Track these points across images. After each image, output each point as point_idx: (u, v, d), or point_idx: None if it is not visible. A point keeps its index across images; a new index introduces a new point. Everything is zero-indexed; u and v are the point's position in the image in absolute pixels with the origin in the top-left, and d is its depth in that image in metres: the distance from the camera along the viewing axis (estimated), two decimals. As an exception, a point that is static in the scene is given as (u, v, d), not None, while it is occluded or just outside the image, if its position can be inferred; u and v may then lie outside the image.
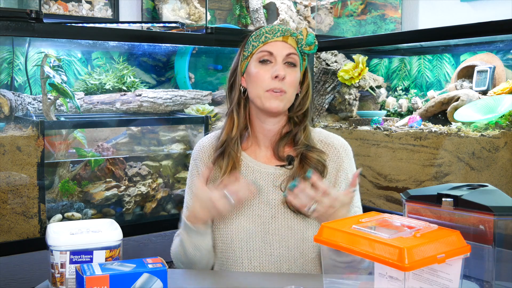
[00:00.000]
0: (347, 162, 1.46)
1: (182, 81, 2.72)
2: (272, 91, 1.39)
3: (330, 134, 1.50)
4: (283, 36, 1.41)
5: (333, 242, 0.96)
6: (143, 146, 2.49)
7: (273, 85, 1.39)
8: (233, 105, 1.46)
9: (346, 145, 1.48)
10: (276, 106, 1.39)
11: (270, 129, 1.46)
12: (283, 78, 1.38)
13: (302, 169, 1.40)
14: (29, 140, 1.98)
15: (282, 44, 1.41)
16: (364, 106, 2.89)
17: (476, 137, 2.06)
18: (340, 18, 3.23)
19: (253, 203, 1.41)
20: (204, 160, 1.50)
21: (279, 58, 1.40)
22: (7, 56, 2.36)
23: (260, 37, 1.43)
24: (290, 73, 1.41)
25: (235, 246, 1.40)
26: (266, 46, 1.41)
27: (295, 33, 1.43)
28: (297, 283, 1.21)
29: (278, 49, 1.41)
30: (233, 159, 1.43)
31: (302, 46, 1.43)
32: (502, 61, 2.49)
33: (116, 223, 1.25)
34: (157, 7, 2.80)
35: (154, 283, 1.04)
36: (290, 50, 1.41)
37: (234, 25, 2.99)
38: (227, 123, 1.47)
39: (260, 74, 1.40)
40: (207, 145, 1.52)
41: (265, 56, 1.41)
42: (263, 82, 1.40)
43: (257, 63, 1.42)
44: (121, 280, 1.02)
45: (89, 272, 1.02)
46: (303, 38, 1.43)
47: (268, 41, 1.41)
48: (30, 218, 1.98)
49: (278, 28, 1.43)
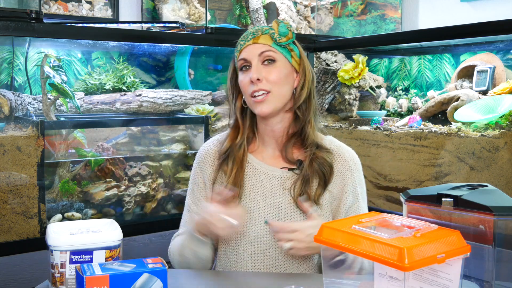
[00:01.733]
0: (356, 175, 1.44)
1: (182, 77, 2.71)
2: (254, 97, 1.39)
3: (342, 144, 1.48)
4: (253, 39, 1.41)
5: (333, 242, 0.96)
6: (143, 146, 2.49)
7: (251, 89, 1.39)
8: (235, 115, 1.47)
9: (356, 158, 1.47)
10: (262, 111, 1.39)
11: (274, 130, 1.45)
12: (257, 79, 1.38)
13: (310, 169, 1.40)
14: (29, 140, 1.98)
15: (253, 46, 1.41)
16: (364, 106, 2.89)
17: (476, 137, 2.06)
18: (340, 18, 3.23)
19: (259, 206, 1.41)
20: (208, 164, 1.49)
21: (253, 61, 1.40)
22: (7, 56, 2.36)
23: (237, 47, 1.45)
24: (268, 71, 1.39)
25: (240, 248, 1.39)
26: (241, 54, 1.42)
27: (267, 30, 1.41)
28: (297, 283, 1.21)
29: (250, 53, 1.41)
30: (238, 163, 1.43)
31: (277, 39, 1.40)
32: (502, 61, 2.49)
33: (116, 223, 1.25)
34: (157, 7, 2.81)
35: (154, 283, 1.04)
36: (262, 49, 1.40)
37: (234, 25, 2.99)
38: (232, 131, 1.47)
39: (242, 82, 1.42)
40: (211, 149, 1.51)
41: (242, 64, 1.42)
42: (245, 89, 1.41)
43: (240, 72, 1.44)
44: (121, 280, 1.02)
45: (89, 272, 1.02)
46: (275, 32, 1.41)
47: (241, 48, 1.43)
48: (30, 218, 1.98)
49: (249, 31, 1.43)
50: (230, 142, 1.46)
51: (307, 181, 1.39)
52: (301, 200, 1.36)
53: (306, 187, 1.38)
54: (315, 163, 1.40)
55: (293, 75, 1.44)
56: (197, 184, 1.50)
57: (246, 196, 1.42)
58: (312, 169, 1.40)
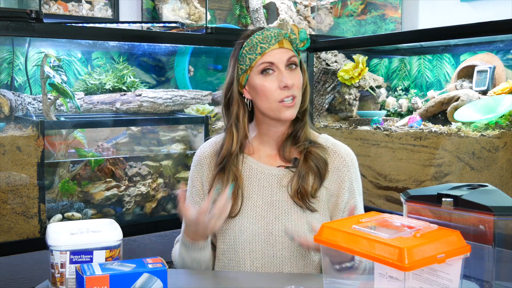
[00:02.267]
0: (352, 171, 1.45)
1: (181, 73, 2.71)
2: (284, 102, 1.37)
3: (337, 142, 1.49)
4: (278, 43, 1.38)
5: (333, 242, 0.96)
6: (143, 146, 2.49)
7: (284, 95, 1.37)
8: (231, 120, 1.44)
9: (352, 155, 1.47)
10: (291, 116, 1.39)
11: (277, 131, 1.45)
12: (292, 85, 1.37)
13: (305, 165, 1.41)
14: (29, 140, 1.98)
15: (279, 50, 1.38)
16: (364, 106, 2.89)
17: (476, 137, 2.06)
18: (340, 18, 3.23)
19: (256, 204, 1.41)
20: (206, 167, 1.49)
21: (281, 66, 1.38)
22: (7, 56, 2.36)
23: (255, 49, 1.38)
24: (294, 76, 1.39)
25: (238, 247, 1.39)
26: (264, 57, 1.38)
27: (287, 34, 1.40)
28: (297, 283, 1.21)
29: (277, 57, 1.38)
30: (234, 173, 1.43)
31: (297, 45, 1.41)
32: (502, 61, 2.49)
33: (116, 223, 1.25)
34: (157, 7, 2.81)
35: (154, 283, 1.04)
36: (289, 54, 1.39)
37: (234, 25, 2.99)
38: (227, 138, 1.45)
39: (266, 86, 1.38)
40: (207, 152, 1.51)
41: (266, 67, 1.38)
42: (273, 94, 1.37)
43: (259, 75, 1.39)
44: (121, 280, 1.02)
45: (89, 272, 1.02)
46: (296, 38, 1.41)
47: (265, 51, 1.38)
48: (30, 218, 1.98)
49: (270, 34, 1.39)
50: (226, 150, 1.44)
51: (303, 177, 1.39)
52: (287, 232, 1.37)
53: (303, 183, 1.39)
54: (310, 159, 1.41)
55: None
56: (195, 187, 1.50)
57: (244, 195, 1.42)
58: (307, 165, 1.41)
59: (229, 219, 1.40)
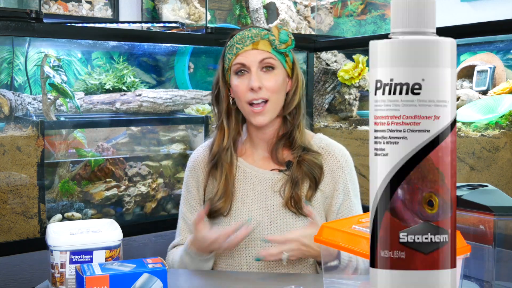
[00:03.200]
0: (347, 172, 1.43)
1: (181, 70, 2.71)
2: (252, 106, 1.36)
3: (332, 142, 1.46)
4: (252, 44, 1.37)
5: (333, 242, 0.96)
6: (143, 146, 2.49)
7: (250, 97, 1.36)
8: (222, 117, 1.44)
9: (347, 155, 1.45)
10: (260, 122, 1.37)
11: (265, 133, 1.44)
12: (259, 88, 1.35)
13: (300, 171, 1.40)
14: (29, 140, 1.98)
15: (253, 52, 1.37)
16: (364, 106, 2.89)
17: (476, 137, 2.06)
18: (340, 18, 3.23)
19: (251, 210, 1.40)
20: (200, 171, 1.48)
21: (253, 67, 1.36)
22: (7, 56, 2.36)
23: (232, 49, 1.38)
24: (268, 78, 1.37)
25: (234, 252, 1.39)
26: (238, 58, 1.37)
27: (266, 35, 1.38)
28: (297, 283, 1.21)
29: (249, 59, 1.37)
30: (227, 169, 1.41)
31: (277, 46, 1.37)
32: (502, 61, 2.49)
33: (116, 223, 1.25)
34: (157, 7, 2.81)
35: (154, 283, 1.04)
36: (263, 56, 1.37)
37: (234, 25, 2.99)
38: (217, 135, 1.44)
39: (238, 87, 1.38)
40: (201, 155, 1.50)
41: (239, 68, 1.38)
42: (242, 95, 1.37)
43: (234, 76, 1.39)
44: (121, 280, 1.02)
45: (89, 272, 1.02)
46: (275, 38, 1.38)
47: (239, 52, 1.37)
48: (30, 218, 1.98)
49: (247, 34, 1.38)
50: (218, 146, 1.43)
51: (296, 184, 1.38)
52: (305, 204, 1.36)
53: (296, 189, 1.37)
54: (304, 165, 1.39)
55: (286, 80, 1.42)
56: (191, 193, 1.49)
57: (238, 200, 1.41)
58: (301, 171, 1.38)
59: (224, 220, 1.41)
